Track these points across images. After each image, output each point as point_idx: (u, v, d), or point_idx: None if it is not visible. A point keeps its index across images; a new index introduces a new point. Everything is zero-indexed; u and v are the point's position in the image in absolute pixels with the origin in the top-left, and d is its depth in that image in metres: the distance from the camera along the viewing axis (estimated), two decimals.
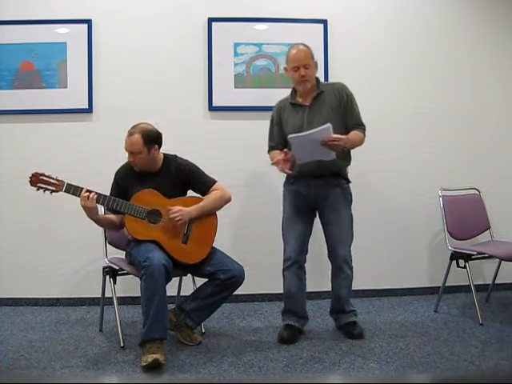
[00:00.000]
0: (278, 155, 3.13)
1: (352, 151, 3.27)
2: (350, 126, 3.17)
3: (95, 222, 3.06)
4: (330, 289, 3.45)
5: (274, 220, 3.95)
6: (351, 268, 3.26)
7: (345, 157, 3.19)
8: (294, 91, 3.26)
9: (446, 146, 4.13)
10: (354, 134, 3.14)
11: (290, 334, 3.19)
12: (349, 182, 3.27)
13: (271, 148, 3.31)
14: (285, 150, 3.05)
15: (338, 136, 2.96)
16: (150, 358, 2.73)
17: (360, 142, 3.18)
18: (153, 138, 3.06)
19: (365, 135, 3.19)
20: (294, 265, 3.21)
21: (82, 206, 2.94)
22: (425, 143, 4.10)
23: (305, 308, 3.31)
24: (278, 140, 3.26)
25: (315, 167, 3.09)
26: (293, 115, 3.21)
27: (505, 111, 4.19)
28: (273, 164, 3.13)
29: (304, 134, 2.97)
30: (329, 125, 2.93)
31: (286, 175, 3.26)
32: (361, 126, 3.20)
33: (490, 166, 4.15)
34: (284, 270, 3.25)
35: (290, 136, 2.99)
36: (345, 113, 3.18)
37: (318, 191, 3.18)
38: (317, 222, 3.31)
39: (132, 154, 3.05)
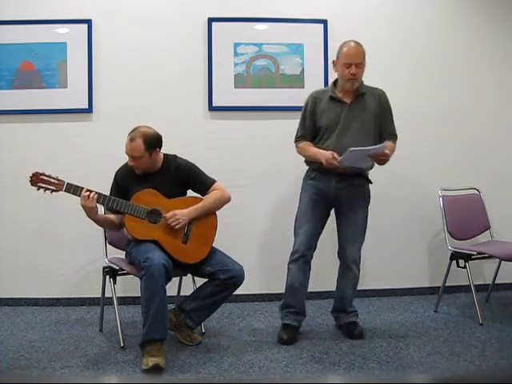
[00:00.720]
0: (310, 146, 3.17)
1: None
2: (386, 134, 3.20)
3: (95, 221, 3.06)
4: (330, 289, 3.45)
5: (275, 220, 3.97)
6: (359, 269, 3.26)
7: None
8: (334, 85, 3.22)
9: (446, 145, 4.13)
10: (391, 146, 3.17)
11: (290, 336, 3.18)
12: (370, 182, 3.27)
13: (301, 137, 3.25)
14: (334, 155, 3.02)
15: (388, 153, 3.05)
16: (150, 362, 2.73)
17: (393, 154, 3.18)
18: (154, 142, 3.06)
19: (396, 145, 3.23)
20: (301, 258, 3.20)
21: (82, 206, 2.94)
22: (424, 143, 4.10)
23: (304, 304, 3.29)
24: (310, 130, 3.22)
25: (339, 168, 3.07)
26: (330, 109, 3.17)
27: (504, 111, 4.19)
28: (321, 157, 3.06)
29: (364, 149, 3.00)
30: (385, 144, 3.03)
31: (306, 170, 3.29)
32: (394, 137, 3.24)
33: (489, 166, 4.15)
34: (290, 262, 3.24)
35: (351, 149, 2.95)
36: (383, 120, 3.20)
37: (338, 190, 3.17)
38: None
39: (134, 158, 3.05)
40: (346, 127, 3.12)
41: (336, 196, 3.19)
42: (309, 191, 3.24)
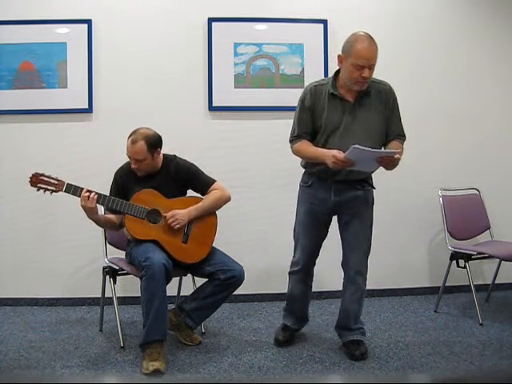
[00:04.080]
0: (310, 146, 2.84)
1: None
2: (392, 134, 2.90)
3: (95, 222, 3.05)
4: (330, 289, 3.45)
5: (275, 220, 3.96)
6: (365, 280, 2.96)
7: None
8: (335, 78, 2.87)
9: (446, 145, 4.12)
10: (398, 147, 2.85)
11: (286, 338, 3.15)
12: (372, 187, 3.02)
13: (298, 137, 2.89)
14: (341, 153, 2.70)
15: (398, 157, 2.70)
16: (150, 366, 2.73)
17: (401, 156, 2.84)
18: (155, 143, 3.06)
19: (403, 146, 2.92)
20: (301, 271, 3.09)
21: (82, 206, 2.94)
22: (424, 143, 4.09)
23: (306, 311, 3.24)
24: (308, 129, 2.87)
25: (341, 172, 2.82)
26: (331, 108, 2.83)
27: (505, 111, 4.19)
28: (326, 156, 2.73)
29: (369, 150, 2.66)
30: (396, 151, 2.70)
31: (302, 175, 3.05)
32: (402, 137, 2.95)
33: (489, 166, 4.15)
34: (290, 273, 3.14)
35: (355, 146, 2.61)
36: (389, 120, 2.88)
37: (339, 196, 2.91)
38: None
39: (137, 161, 3.03)
40: (348, 129, 2.81)
41: (336, 204, 2.92)
42: (306, 200, 3.00)
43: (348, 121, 2.83)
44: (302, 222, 3.04)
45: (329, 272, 3.48)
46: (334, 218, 3.08)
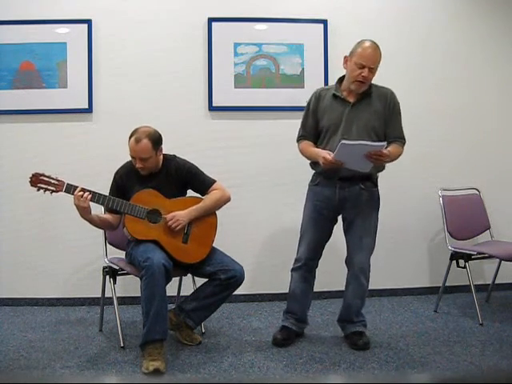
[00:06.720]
0: (310, 146, 3.05)
1: None
2: (391, 137, 3.02)
3: (89, 221, 3.03)
4: (329, 289, 3.46)
5: (275, 220, 3.97)
6: (367, 278, 3.09)
7: (378, 166, 3.04)
8: (340, 82, 3.08)
9: (446, 145, 4.13)
10: (395, 148, 2.99)
11: (284, 337, 3.15)
12: (376, 186, 3.12)
13: (303, 137, 3.12)
14: (331, 153, 2.88)
15: (385, 153, 2.84)
16: (150, 366, 2.73)
17: (398, 157, 3.03)
18: (158, 140, 3.06)
19: (403, 150, 3.06)
20: (303, 267, 3.14)
21: (75, 205, 2.93)
22: (424, 143, 4.10)
23: (306, 312, 3.24)
24: (311, 130, 3.09)
25: (344, 169, 2.94)
26: (332, 108, 3.02)
27: (505, 111, 4.19)
28: (319, 156, 2.93)
29: (357, 143, 2.81)
30: (384, 143, 2.84)
31: (312, 175, 3.17)
32: (402, 140, 3.07)
33: (489, 166, 4.15)
34: (292, 269, 3.19)
35: (343, 141, 2.79)
36: (388, 121, 3.03)
37: (344, 194, 3.03)
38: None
39: (142, 160, 3.02)
40: (348, 128, 2.97)
41: (341, 202, 3.05)
42: (312, 198, 3.12)
43: (348, 119, 2.99)
44: (307, 218, 3.16)
45: (329, 272, 3.48)
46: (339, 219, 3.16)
